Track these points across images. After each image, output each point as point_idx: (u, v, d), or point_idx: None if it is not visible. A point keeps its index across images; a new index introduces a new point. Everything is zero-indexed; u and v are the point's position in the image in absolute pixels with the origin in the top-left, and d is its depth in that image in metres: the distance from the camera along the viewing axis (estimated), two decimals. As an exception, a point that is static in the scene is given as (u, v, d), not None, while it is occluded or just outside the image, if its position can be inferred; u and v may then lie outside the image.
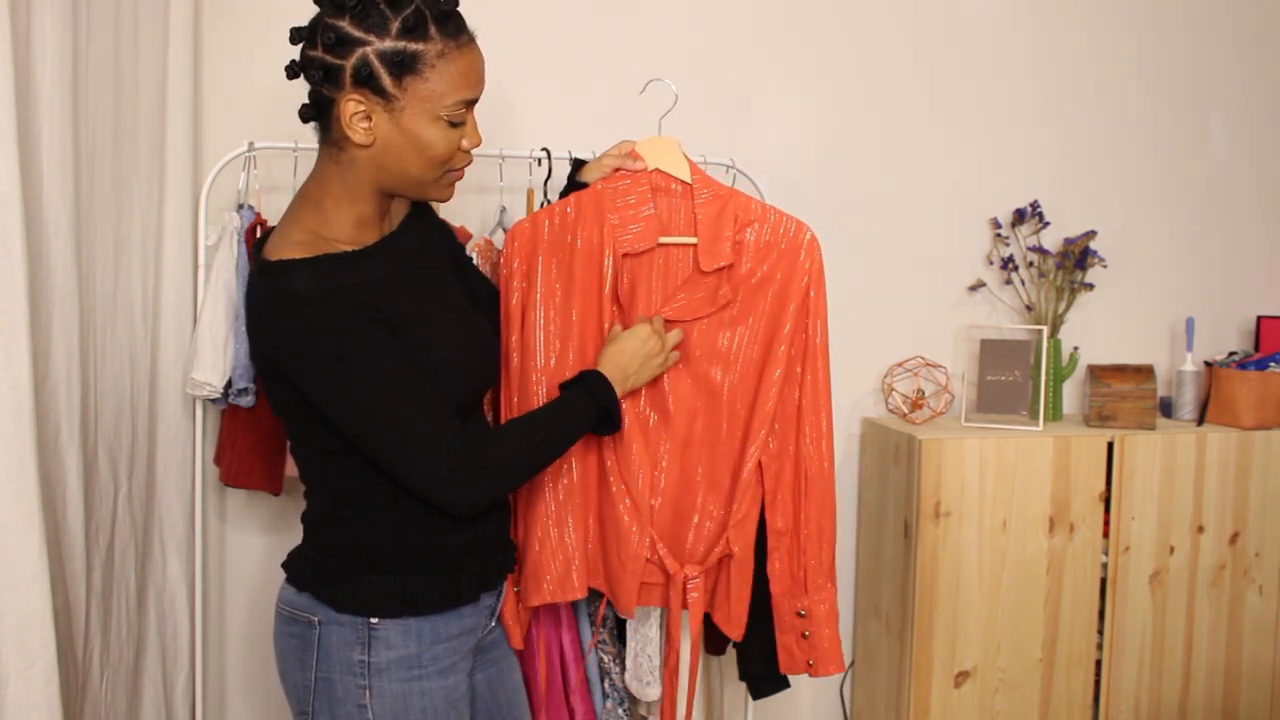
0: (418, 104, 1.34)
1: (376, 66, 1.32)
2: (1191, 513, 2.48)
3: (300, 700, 1.43)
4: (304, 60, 1.36)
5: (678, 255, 1.76)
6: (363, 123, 1.35)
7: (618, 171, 1.75)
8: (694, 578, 1.73)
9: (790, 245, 1.75)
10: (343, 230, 1.40)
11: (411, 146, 1.37)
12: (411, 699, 1.41)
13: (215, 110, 2.22)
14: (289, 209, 1.43)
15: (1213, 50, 2.76)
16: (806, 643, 1.79)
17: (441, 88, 1.35)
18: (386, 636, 1.40)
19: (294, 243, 1.34)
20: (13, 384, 1.51)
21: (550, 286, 1.73)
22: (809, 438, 1.76)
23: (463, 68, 1.36)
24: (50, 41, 1.64)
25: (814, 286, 1.76)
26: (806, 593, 1.78)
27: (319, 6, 1.35)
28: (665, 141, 1.77)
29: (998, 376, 2.53)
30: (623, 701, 2.02)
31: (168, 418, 2.08)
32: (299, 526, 1.51)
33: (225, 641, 2.36)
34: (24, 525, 1.52)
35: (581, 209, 1.73)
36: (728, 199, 1.76)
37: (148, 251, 2.02)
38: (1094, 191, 2.71)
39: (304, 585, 1.43)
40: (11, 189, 1.50)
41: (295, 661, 1.43)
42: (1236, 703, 2.55)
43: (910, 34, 2.58)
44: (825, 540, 1.79)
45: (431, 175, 1.41)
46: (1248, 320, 2.82)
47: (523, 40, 2.37)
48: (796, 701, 2.64)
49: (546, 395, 1.70)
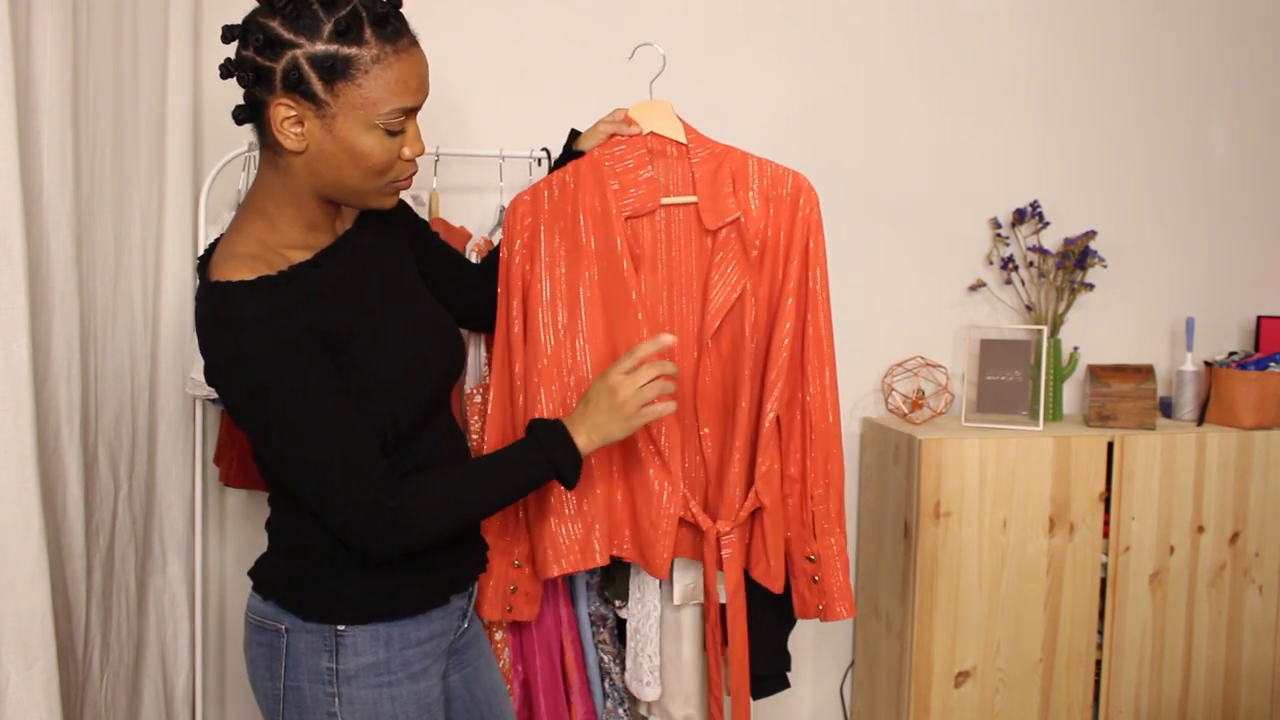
0: (350, 111, 1.28)
1: (307, 70, 1.26)
2: (1191, 513, 2.48)
3: (270, 710, 1.41)
4: (237, 60, 1.30)
5: (679, 215, 1.77)
6: (294, 128, 1.29)
7: (613, 138, 1.75)
8: (727, 533, 1.73)
9: (790, 195, 1.76)
10: (292, 236, 1.35)
11: (346, 155, 1.30)
12: (382, 705, 1.39)
13: (215, 110, 2.23)
14: (235, 218, 1.38)
15: (1212, 50, 2.76)
16: (816, 587, 1.80)
17: (376, 94, 1.28)
18: (354, 643, 1.38)
19: (238, 256, 1.29)
20: (13, 384, 1.51)
21: (554, 255, 1.73)
22: (813, 387, 1.77)
23: (400, 74, 1.29)
24: (50, 41, 1.64)
25: (813, 235, 1.76)
26: (815, 538, 1.79)
27: (256, 3, 1.29)
28: (658, 105, 1.78)
29: (998, 376, 2.53)
30: (623, 701, 2.02)
31: (168, 418, 2.08)
32: (299, 527, 1.51)
33: (225, 641, 2.36)
34: (24, 525, 1.52)
35: (581, 177, 1.74)
36: (723, 156, 1.77)
37: (148, 251, 2.02)
38: (1094, 191, 2.71)
39: (270, 593, 1.41)
40: (11, 189, 1.50)
41: (264, 670, 1.41)
42: (1236, 703, 2.55)
43: (910, 34, 2.58)
44: (832, 487, 1.80)
45: (370, 185, 1.34)
46: (1248, 320, 2.82)
47: (523, 40, 2.38)
48: (796, 701, 2.65)
49: (550, 354, 1.70)
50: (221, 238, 1.37)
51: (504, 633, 1.93)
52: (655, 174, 1.76)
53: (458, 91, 2.35)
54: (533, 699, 1.94)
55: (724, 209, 1.74)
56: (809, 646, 2.64)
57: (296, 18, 1.25)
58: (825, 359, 1.78)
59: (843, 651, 2.68)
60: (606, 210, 1.71)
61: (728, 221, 1.74)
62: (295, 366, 1.27)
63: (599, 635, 2.02)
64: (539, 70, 2.37)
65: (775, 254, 1.76)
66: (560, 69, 2.39)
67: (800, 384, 1.78)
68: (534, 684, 1.94)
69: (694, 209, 1.76)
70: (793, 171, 1.78)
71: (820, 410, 1.78)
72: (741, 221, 1.74)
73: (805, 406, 1.78)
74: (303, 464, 1.30)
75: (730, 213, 1.73)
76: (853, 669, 2.67)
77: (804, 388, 1.78)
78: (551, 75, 2.38)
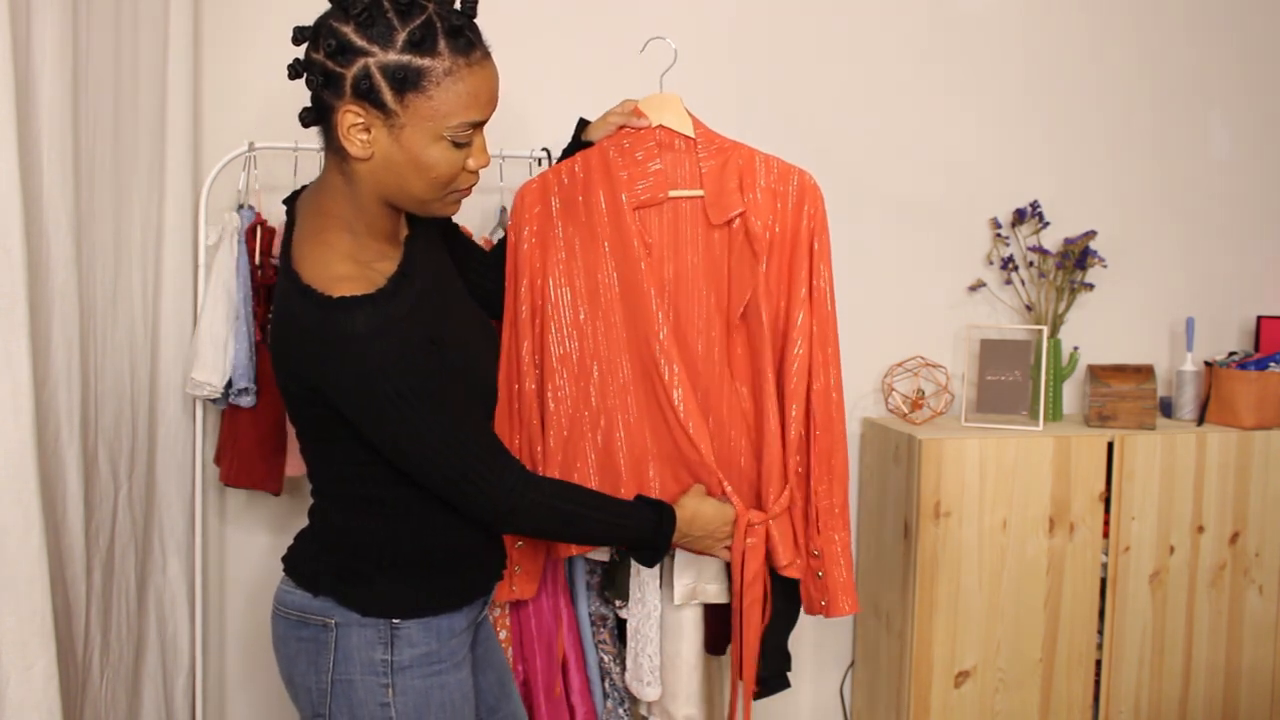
0: (420, 122, 1.28)
1: (378, 80, 1.25)
2: (1191, 513, 2.48)
3: (315, 704, 1.42)
4: (306, 62, 1.31)
5: (685, 209, 1.77)
6: (361, 135, 1.29)
7: (622, 129, 1.76)
8: (756, 524, 1.73)
9: (796, 192, 1.77)
10: (374, 248, 1.38)
11: (411, 165, 1.31)
12: (433, 694, 1.42)
13: (215, 110, 2.22)
14: (317, 228, 1.38)
15: (1213, 50, 2.76)
16: (820, 583, 1.80)
17: (447, 107, 1.28)
18: (409, 635, 1.41)
19: (341, 276, 1.30)
20: (13, 385, 1.51)
21: (570, 243, 1.74)
22: (818, 383, 1.77)
23: (471, 87, 1.29)
24: (50, 41, 1.64)
25: (818, 233, 1.77)
26: (819, 533, 1.79)
27: (330, 4, 1.30)
28: (667, 98, 1.78)
29: (998, 376, 2.53)
30: (623, 701, 2.02)
31: (168, 418, 2.08)
32: (298, 526, 1.51)
33: (225, 641, 2.36)
34: (23, 526, 1.52)
35: (590, 167, 1.74)
36: (730, 151, 1.78)
37: (148, 251, 2.02)
38: (1094, 191, 2.71)
39: (320, 589, 1.42)
40: (11, 189, 1.50)
41: (307, 665, 1.42)
42: (1236, 703, 2.55)
43: (911, 34, 2.58)
44: (836, 482, 1.80)
45: (434, 195, 1.36)
46: (1248, 320, 2.82)
47: (523, 40, 2.37)
48: (796, 701, 2.65)
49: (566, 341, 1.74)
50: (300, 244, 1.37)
51: (506, 632, 1.93)
52: (663, 167, 1.76)
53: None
54: (533, 699, 1.94)
55: (730, 204, 1.74)
56: (809, 646, 2.64)
57: (371, 25, 1.25)
58: (831, 356, 1.78)
59: (843, 651, 2.68)
60: (616, 199, 1.72)
61: (733, 216, 1.74)
62: (425, 368, 1.31)
63: (599, 635, 2.02)
64: (539, 70, 2.37)
65: (782, 251, 1.77)
66: (560, 69, 2.39)
67: (807, 378, 1.78)
68: (534, 684, 1.94)
69: (700, 203, 1.76)
70: (798, 169, 1.78)
71: (825, 406, 1.78)
72: (749, 218, 1.75)
73: (810, 402, 1.78)
74: (451, 456, 1.35)
75: (735, 208, 1.74)
76: (853, 669, 2.67)
77: (810, 383, 1.78)
78: (552, 75, 2.38)
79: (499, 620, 1.93)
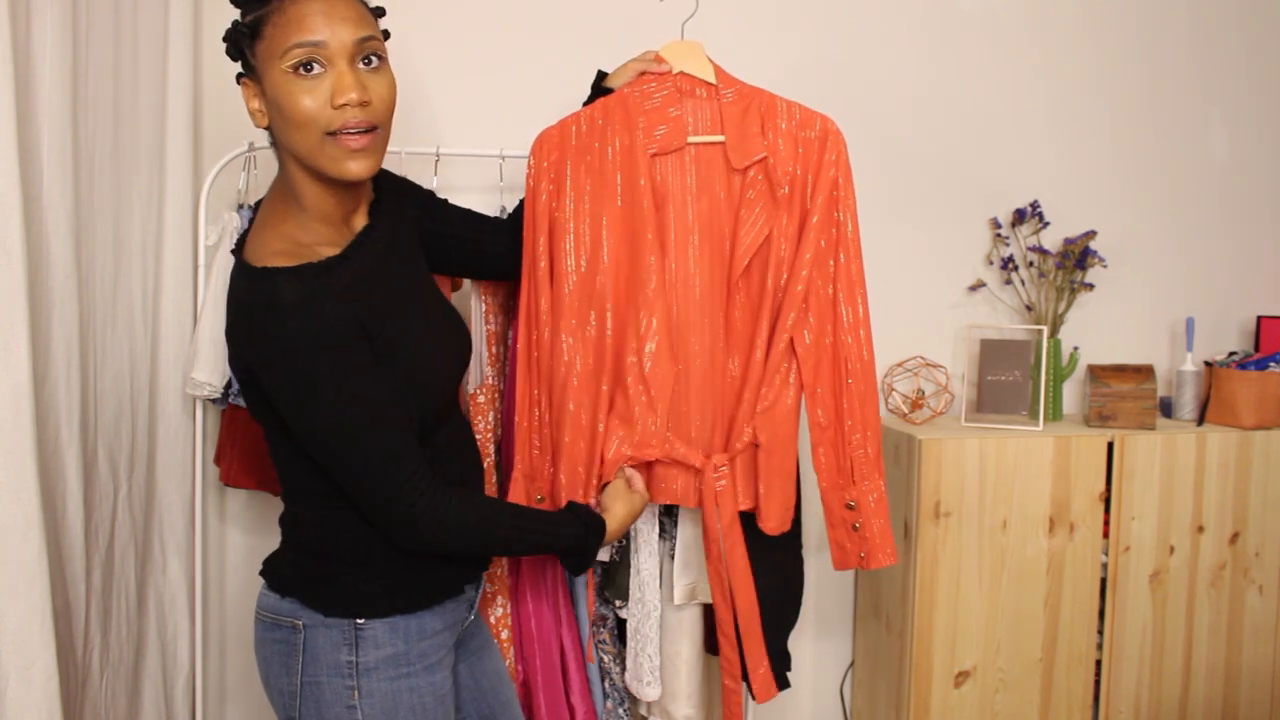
0: (268, 65, 1.32)
1: (240, 45, 1.35)
2: (1191, 513, 2.48)
3: (287, 706, 1.42)
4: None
5: (707, 155, 1.76)
6: (253, 104, 1.37)
7: (643, 75, 1.75)
8: (721, 466, 1.72)
9: (819, 137, 1.76)
10: (319, 232, 1.38)
11: (279, 114, 1.33)
12: (400, 697, 1.40)
13: (215, 110, 2.23)
14: (263, 212, 1.41)
15: (1213, 50, 2.76)
16: (857, 535, 1.77)
17: (278, 40, 1.31)
18: (374, 636, 1.39)
19: (275, 251, 1.32)
20: (12, 384, 1.51)
21: (580, 191, 1.73)
22: (846, 328, 1.76)
23: (294, 15, 1.31)
24: (50, 41, 1.65)
25: (841, 175, 1.76)
26: (854, 483, 1.77)
27: None
28: (688, 45, 1.78)
29: (998, 376, 2.53)
30: (623, 701, 2.02)
31: (168, 418, 2.08)
32: (299, 526, 1.51)
33: (225, 641, 2.36)
34: (23, 525, 1.52)
35: (610, 114, 1.74)
36: (752, 97, 1.77)
37: (148, 251, 2.02)
38: (1094, 191, 2.71)
39: (287, 589, 1.42)
40: (11, 189, 1.50)
41: (280, 667, 1.42)
42: (1236, 703, 2.55)
43: (910, 34, 2.58)
44: (870, 431, 1.77)
45: (309, 141, 1.32)
46: (1248, 320, 2.82)
47: (523, 41, 2.38)
48: (796, 701, 2.65)
49: (575, 295, 1.73)
50: (250, 230, 1.40)
51: (508, 632, 1.93)
52: (683, 112, 1.75)
53: (458, 91, 2.35)
54: (533, 699, 1.94)
55: (751, 148, 1.73)
56: (809, 646, 2.64)
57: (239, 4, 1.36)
58: (858, 293, 1.76)
59: (843, 651, 2.68)
60: (633, 147, 1.72)
61: (755, 161, 1.73)
62: (342, 354, 1.30)
63: (599, 635, 2.02)
64: (540, 71, 2.37)
65: (803, 194, 1.75)
66: (561, 70, 2.39)
67: (833, 324, 1.75)
68: (534, 684, 1.94)
69: (721, 148, 1.75)
70: (821, 115, 1.77)
71: (855, 350, 1.75)
72: (770, 162, 1.73)
73: (837, 347, 1.75)
74: (349, 453, 1.32)
75: (757, 152, 1.73)
76: (853, 669, 2.67)
77: (836, 328, 1.75)
78: (552, 76, 2.38)
79: (500, 621, 1.93)
